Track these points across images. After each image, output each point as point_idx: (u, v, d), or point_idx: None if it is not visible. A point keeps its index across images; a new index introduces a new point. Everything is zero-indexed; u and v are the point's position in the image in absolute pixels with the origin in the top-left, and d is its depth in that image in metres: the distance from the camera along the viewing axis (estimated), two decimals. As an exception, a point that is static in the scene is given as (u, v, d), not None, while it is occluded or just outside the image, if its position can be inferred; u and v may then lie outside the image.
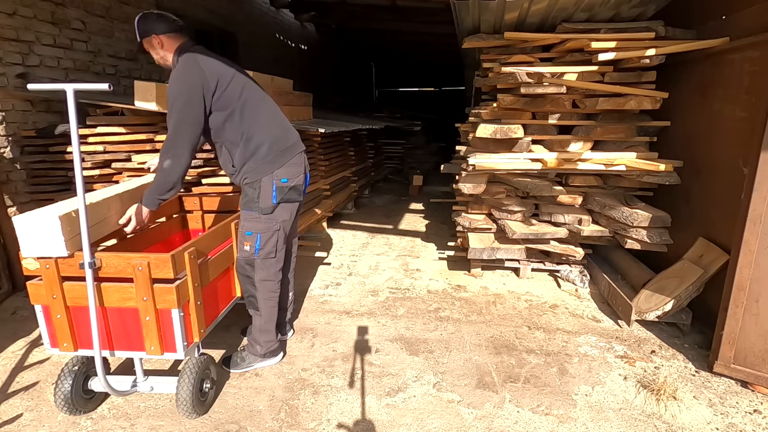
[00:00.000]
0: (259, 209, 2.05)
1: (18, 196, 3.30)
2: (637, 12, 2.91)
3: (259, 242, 2.07)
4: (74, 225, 1.67)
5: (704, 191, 2.75)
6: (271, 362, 2.31)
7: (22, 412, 1.95)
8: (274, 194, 2.04)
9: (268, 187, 2.03)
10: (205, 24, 5.78)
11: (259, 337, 2.23)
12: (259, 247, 2.08)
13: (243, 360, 2.26)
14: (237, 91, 1.99)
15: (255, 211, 2.06)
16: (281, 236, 2.13)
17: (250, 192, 2.06)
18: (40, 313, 1.76)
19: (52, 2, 3.53)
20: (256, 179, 2.04)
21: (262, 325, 2.21)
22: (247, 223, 2.08)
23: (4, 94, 3.18)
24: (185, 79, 1.89)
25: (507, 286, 3.32)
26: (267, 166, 2.03)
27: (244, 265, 2.13)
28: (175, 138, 1.90)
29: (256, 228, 2.07)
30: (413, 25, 6.66)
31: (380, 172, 7.50)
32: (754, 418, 1.92)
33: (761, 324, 2.05)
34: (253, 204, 2.05)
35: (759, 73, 2.32)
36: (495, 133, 3.01)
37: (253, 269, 2.12)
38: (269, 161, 2.04)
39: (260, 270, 2.12)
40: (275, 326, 2.27)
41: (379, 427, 1.87)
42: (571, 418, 1.92)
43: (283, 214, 2.11)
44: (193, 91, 1.88)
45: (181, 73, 1.90)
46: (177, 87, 1.89)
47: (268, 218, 2.07)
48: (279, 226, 2.10)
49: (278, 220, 2.09)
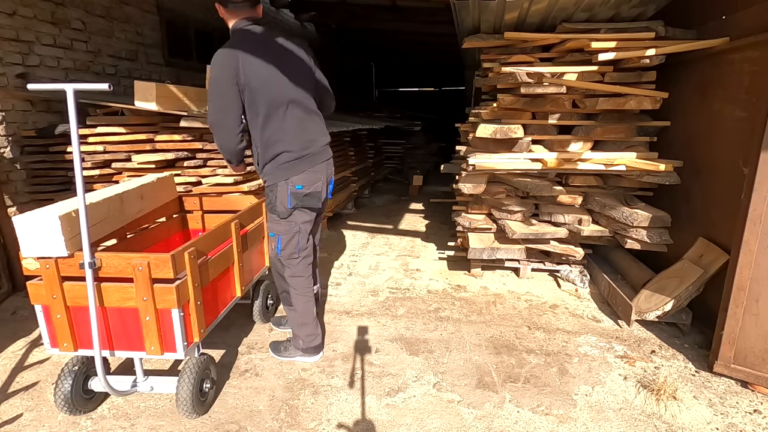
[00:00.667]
0: (277, 212, 2.12)
1: (18, 196, 3.30)
2: (637, 12, 2.91)
3: (280, 243, 2.16)
4: (74, 225, 1.67)
5: (704, 191, 2.75)
6: (310, 359, 2.34)
7: (22, 412, 1.95)
8: (289, 199, 2.07)
9: (283, 192, 2.07)
10: (205, 24, 5.77)
11: (299, 332, 2.28)
12: (281, 248, 2.17)
13: (286, 349, 2.34)
14: (267, 95, 1.96)
15: (274, 214, 2.14)
16: (302, 238, 2.17)
17: (269, 195, 2.13)
18: (40, 313, 1.76)
19: (52, 2, 3.53)
20: (272, 183, 2.09)
21: (299, 319, 2.27)
22: (270, 224, 2.19)
23: (4, 94, 3.18)
24: (219, 67, 1.91)
25: (507, 286, 3.32)
26: (283, 173, 2.06)
27: (275, 262, 2.23)
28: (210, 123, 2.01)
29: (277, 230, 2.15)
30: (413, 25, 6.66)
31: (380, 172, 7.50)
32: (754, 418, 1.92)
33: (761, 324, 2.05)
34: (272, 207, 2.14)
35: (759, 73, 2.32)
36: (495, 133, 3.01)
37: (282, 266, 2.21)
38: (286, 168, 2.05)
39: (288, 267, 2.21)
40: (315, 322, 2.31)
41: (379, 427, 1.87)
42: (571, 418, 1.92)
43: (302, 217, 2.14)
44: (222, 83, 1.91)
45: (214, 62, 1.92)
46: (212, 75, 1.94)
47: (287, 221, 2.12)
48: (298, 228, 2.14)
49: (297, 223, 2.13)
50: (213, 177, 3.03)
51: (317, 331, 2.32)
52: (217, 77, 1.91)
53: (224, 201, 2.80)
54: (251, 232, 2.45)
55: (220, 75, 1.90)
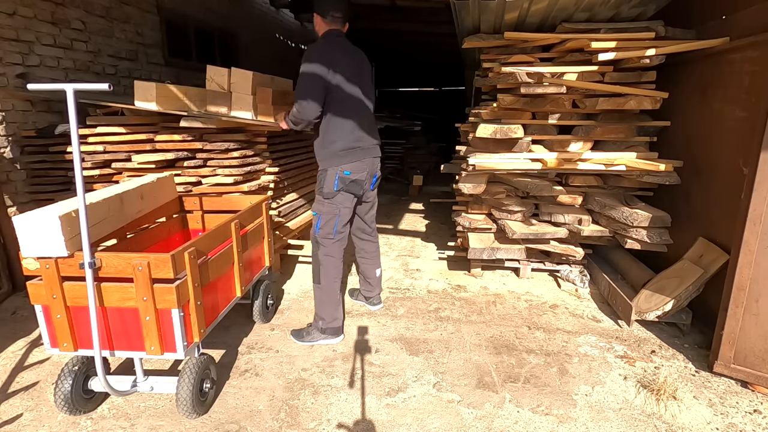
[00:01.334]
0: (322, 194, 2.40)
1: (18, 196, 3.30)
2: (637, 12, 2.91)
3: (319, 222, 2.43)
4: (74, 225, 1.67)
5: (704, 191, 2.75)
6: (332, 341, 2.51)
7: (22, 412, 1.95)
8: (336, 182, 2.37)
9: (331, 176, 2.37)
10: (205, 24, 5.78)
11: (319, 310, 2.48)
12: (319, 227, 2.43)
13: (308, 333, 2.50)
14: (342, 92, 2.31)
15: (320, 195, 2.42)
16: (340, 221, 2.44)
17: (319, 179, 2.43)
18: (40, 313, 1.76)
19: (52, 2, 3.53)
20: (324, 168, 2.40)
21: (322, 297, 2.48)
22: (315, 204, 2.46)
23: (4, 94, 3.18)
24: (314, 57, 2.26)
25: (507, 286, 3.32)
26: (336, 160, 2.37)
27: (312, 241, 2.50)
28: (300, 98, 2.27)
29: (319, 210, 2.43)
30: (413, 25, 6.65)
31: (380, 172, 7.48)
32: (754, 418, 1.92)
33: (761, 324, 2.05)
34: (320, 189, 2.42)
35: (759, 73, 2.32)
36: (495, 133, 3.01)
37: (316, 245, 2.46)
38: (339, 156, 2.36)
39: (322, 246, 2.45)
40: (337, 303, 2.51)
41: (379, 427, 1.87)
42: (571, 418, 1.92)
43: (345, 202, 2.42)
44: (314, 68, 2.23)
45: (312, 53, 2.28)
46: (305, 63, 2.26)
47: (330, 202, 2.40)
48: (339, 211, 2.41)
49: (339, 206, 2.41)
50: (213, 177, 3.03)
51: (339, 314, 2.52)
52: (315, 65, 2.24)
53: (224, 201, 2.80)
54: (251, 232, 2.45)
55: (320, 63, 2.25)
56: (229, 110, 3.15)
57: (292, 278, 3.45)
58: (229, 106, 3.15)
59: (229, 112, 3.15)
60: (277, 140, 3.53)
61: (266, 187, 3.24)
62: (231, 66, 3.21)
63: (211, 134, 3.09)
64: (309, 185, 4.15)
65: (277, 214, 3.36)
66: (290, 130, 2.75)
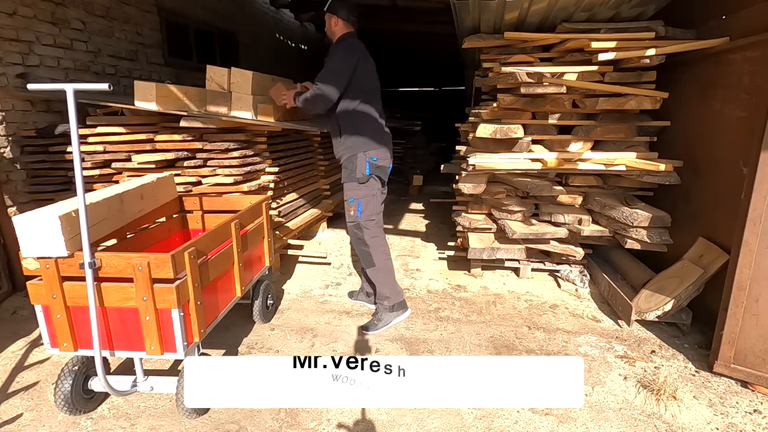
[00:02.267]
0: (356, 179, 2.52)
1: (18, 196, 3.30)
2: (637, 12, 2.91)
3: (360, 206, 2.56)
4: (74, 225, 1.67)
5: (704, 191, 2.75)
6: (404, 315, 2.72)
7: (22, 412, 1.95)
8: (368, 167, 2.52)
9: (362, 161, 2.51)
10: (205, 24, 5.78)
11: (384, 290, 2.65)
12: (361, 211, 2.56)
13: (379, 320, 2.64)
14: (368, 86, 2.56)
15: (354, 182, 2.54)
16: (377, 201, 2.62)
17: (349, 166, 2.55)
18: (40, 313, 1.76)
19: (52, 2, 3.53)
20: (352, 154, 2.52)
21: (381, 277, 2.64)
22: (349, 192, 2.58)
23: (4, 94, 3.18)
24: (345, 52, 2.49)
25: (507, 286, 3.32)
26: (364, 145, 2.52)
27: (353, 230, 2.63)
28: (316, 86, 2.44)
29: (356, 195, 2.55)
30: (413, 25, 6.65)
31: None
32: (754, 418, 1.92)
33: (761, 324, 2.05)
34: (352, 176, 2.53)
35: (759, 73, 2.32)
36: (495, 133, 3.01)
37: (361, 231, 2.59)
38: (366, 142, 2.52)
39: (366, 230, 2.59)
40: (394, 277, 2.73)
41: (379, 427, 1.87)
42: (571, 418, 1.92)
43: (376, 185, 2.59)
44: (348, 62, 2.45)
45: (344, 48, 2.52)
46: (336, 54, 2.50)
47: (366, 186, 2.54)
48: (374, 192, 2.58)
49: (373, 188, 2.57)
50: (213, 177, 3.03)
51: (400, 288, 2.77)
52: (346, 59, 2.46)
53: (224, 201, 2.80)
54: (251, 232, 2.45)
55: (351, 58, 2.47)
56: (229, 110, 3.15)
57: (292, 278, 3.45)
58: (229, 106, 3.16)
59: (229, 112, 3.15)
60: (277, 140, 3.53)
61: (266, 187, 3.24)
62: (231, 66, 3.21)
63: (211, 134, 3.09)
64: (309, 185, 4.15)
65: (277, 214, 3.36)
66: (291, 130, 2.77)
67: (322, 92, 2.43)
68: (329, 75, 2.46)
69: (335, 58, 2.49)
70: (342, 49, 2.52)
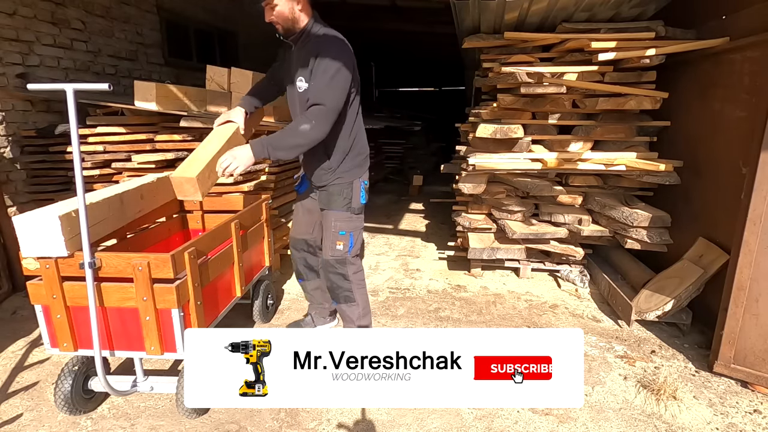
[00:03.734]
0: (351, 209, 2.14)
1: (18, 196, 3.30)
2: (637, 12, 2.91)
3: (352, 240, 2.17)
4: (74, 225, 1.67)
5: (704, 191, 2.75)
6: None
7: (22, 412, 1.95)
8: (363, 195, 2.18)
9: (357, 189, 2.14)
10: (205, 24, 5.78)
11: (362, 323, 2.31)
12: (352, 245, 2.18)
13: None
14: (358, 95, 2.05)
15: (348, 212, 2.14)
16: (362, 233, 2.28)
17: (344, 192, 2.11)
18: (40, 313, 1.76)
19: (52, 2, 3.53)
20: (348, 181, 2.11)
21: (361, 312, 2.30)
22: (340, 223, 2.14)
23: (4, 94, 3.18)
24: (347, 57, 1.89)
25: (507, 286, 3.32)
26: (359, 170, 2.15)
27: (335, 265, 2.18)
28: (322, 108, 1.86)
29: (349, 227, 2.15)
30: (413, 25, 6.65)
31: (380, 172, 7.49)
32: (754, 418, 1.92)
33: (761, 324, 2.05)
34: (345, 204, 2.13)
35: (759, 73, 2.32)
36: (495, 133, 3.01)
37: (345, 267, 2.19)
38: (360, 164, 2.16)
39: (351, 264, 2.21)
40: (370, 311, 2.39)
41: (379, 427, 1.87)
42: (571, 418, 1.92)
43: (363, 213, 2.24)
44: (350, 71, 1.89)
45: (343, 50, 1.90)
46: (339, 62, 1.86)
47: (359, 217, 2.20)
48: (362, 224, 2.25)
49: (362, 219, 2.24)
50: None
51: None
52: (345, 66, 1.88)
53: (224, 201, 2.80)
54: (251, 232, 2.45)
55: (349, 64, 1.89)
56: (229, 110, 3.14)
57: (292, 278, 3.45)
58: (229, 105, 3.16)
59: (229, 112, 3.14)
60: (277, 140, 3.52)
61: (266, 187, 3.24)
62: (231, 66, 3.21)
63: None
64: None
65: (277, 214, 3.36)
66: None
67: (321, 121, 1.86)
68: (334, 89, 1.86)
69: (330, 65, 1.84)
70: (338, 50, 1.89)
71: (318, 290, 2.49)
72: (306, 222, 2.35)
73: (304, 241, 2.38)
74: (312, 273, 2.45)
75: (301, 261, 2.43)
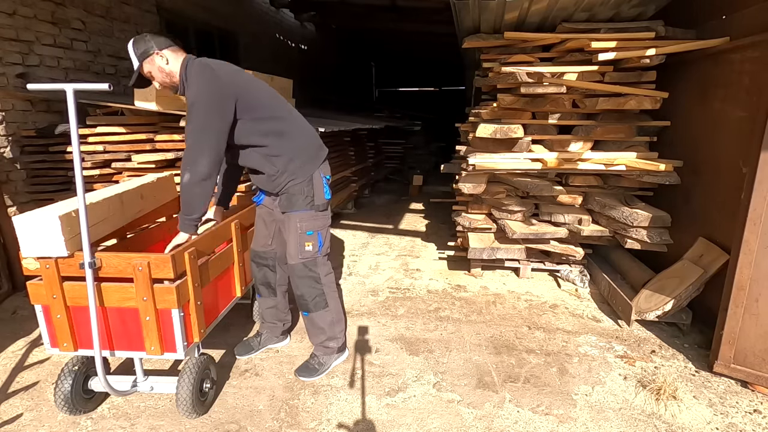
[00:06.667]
0: (315, 207, 2.05)
1: (18, 196, 3.30)
2: (637, 12, 2.91)
3: (321, 239, 2.08)
4: (74, 225, 1.67)
5: (704, 191, 2.75)
6: (342, 358, 2.33)
7: (22, 412, 1.95)
8: (326, 189, 2.08)
9: (319, 182, 2.05)
10: (205, 24, 5.78)
11: (333, 331, 2.20)
12: (322, 243, 2.09)
13: (321, 365, 2.22)
14: (264, 95, 1.99)
15: (312, 210, 2.04)
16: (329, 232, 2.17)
17: (305, 190, 2.03)
18: (40, 313, 1.76)
19: (52, 2, 3.53)
20: (306, 177, 2.03)
21: (334, 318, 2.19)
22: (305, 223, 2.04)
23: (4, 94, 3.18)
24: (206, 85, 1.81)
25: (507, 286, 3.32)
26: (312, 163, 2.05)
27: (305, 268, 2.07)
28: (194, 148, 1.78)
29: (315, 226, 2.06)
30: (413, 25, 6.67)
31: (380, 172, 7.50)
32: (754, 418, 1.92)
33: (761, 324, 2.05)
34: (308, 203, 2.03)
35: (759, 73, 2.32)
36: (495, 133, 3.01)
37: (316, 269, 2.09)
38: (312, 157, 2.06)
39: (322, 266, 2.12)
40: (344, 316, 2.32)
41: (379, 427, 1.87)
42: (571, 418, 1.92)
43: (329, 210, 2.14)
44: (217, 97, 1.81)
45: (201, 79, 1.83)
46: (197, 94, 1.81)
47: (324, 214, 2.10)
48: (329, 222, 2.15)
49: (328, 216, 2.14)
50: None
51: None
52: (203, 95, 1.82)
53: (224, 201, 2.79)
54: (251, 232, 2.45)
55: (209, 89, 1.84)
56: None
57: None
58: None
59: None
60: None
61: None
62: (231, 66, 3.21)
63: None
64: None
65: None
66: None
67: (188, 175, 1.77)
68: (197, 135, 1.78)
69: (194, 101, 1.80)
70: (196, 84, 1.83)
71: (273, 309, 2.37)
72: (264, 234, 2.27)
73: (263, 253, 2.28)
74: (269, 290, 2.34)
75: (260, 277, 2.32)
